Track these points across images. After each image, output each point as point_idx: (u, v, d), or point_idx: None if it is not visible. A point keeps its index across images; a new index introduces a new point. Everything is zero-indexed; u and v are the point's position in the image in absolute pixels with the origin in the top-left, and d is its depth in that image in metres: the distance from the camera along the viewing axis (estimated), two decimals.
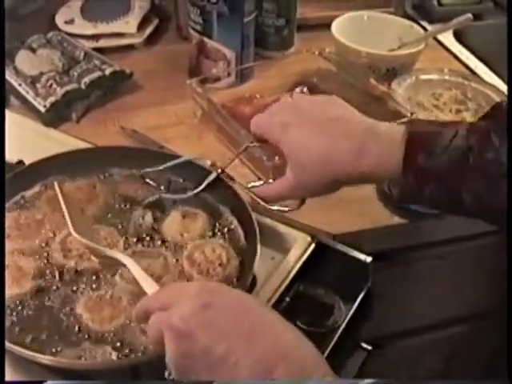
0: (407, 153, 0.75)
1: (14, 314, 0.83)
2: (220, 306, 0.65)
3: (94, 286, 0.88)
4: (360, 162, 0.78)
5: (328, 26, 1.44)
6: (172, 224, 0.97)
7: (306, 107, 0.84)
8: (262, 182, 0.94)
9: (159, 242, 0.95)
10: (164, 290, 0.74)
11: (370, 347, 0.89)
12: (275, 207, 0.90)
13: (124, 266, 0.83)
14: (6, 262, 0.87)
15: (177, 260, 0.92)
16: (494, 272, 1.01)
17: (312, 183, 0.82)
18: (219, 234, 0.97)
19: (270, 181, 0.93)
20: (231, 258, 0.91)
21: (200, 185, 1.00)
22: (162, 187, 1.04)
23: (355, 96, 1.31)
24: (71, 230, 0.89)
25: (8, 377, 0.77)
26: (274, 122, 0.84)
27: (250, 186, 0.92)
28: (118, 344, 0.81)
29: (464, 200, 0.74)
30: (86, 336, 0.82)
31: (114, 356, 0.80)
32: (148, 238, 0.95)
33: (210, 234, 0.97)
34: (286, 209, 0.91)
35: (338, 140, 0.79)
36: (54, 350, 0.80)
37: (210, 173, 1.00)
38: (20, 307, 0.84)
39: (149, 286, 0.77)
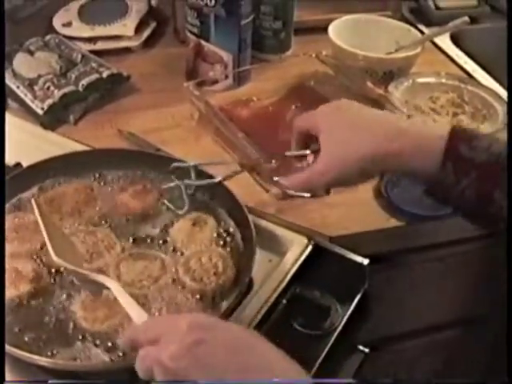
0: (450, 141, 0.76)
1: (12, 315, 0.84)
2: (211, 342, 0.63)
3: (90, 287, 0.88)
4: (400, 142, 0.79)
5: (325, 29, 1.45)
6: (179, 234, 0.97)
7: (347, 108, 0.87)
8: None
9: (158, 244, 0.95)
10: (153, 322, 0.72)
11: (366, 349, 0.89)
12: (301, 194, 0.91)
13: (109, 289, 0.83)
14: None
15: (174, 265, 0.92)
16: (491, 274, 1.01)
17: (349, 174, 0.82)
18: (218, 238, 0.97)
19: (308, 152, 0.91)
20: (227, 268, 0.91)
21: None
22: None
23: (352, 99, 1.31)
24: (52, 255, 0.86)
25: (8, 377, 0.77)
26: (318, 114, 0.87)
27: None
28: (110, 345, 0.81)
29: (495, 201, 0.75)
30: (80, 336, 0.82)
31: (105, 357, 0.80)
32: (147, 241, 0.96)
33: (214, 243, 0.96)
34: (308, 195, 0.92)
35: (378, 117, 0.83)
36: (50, 352, 0.80)
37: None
38: (17, 309, 0.85)
39: (136, 313, 0.75)
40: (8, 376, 0.78)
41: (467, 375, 0.87)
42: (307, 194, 0.91)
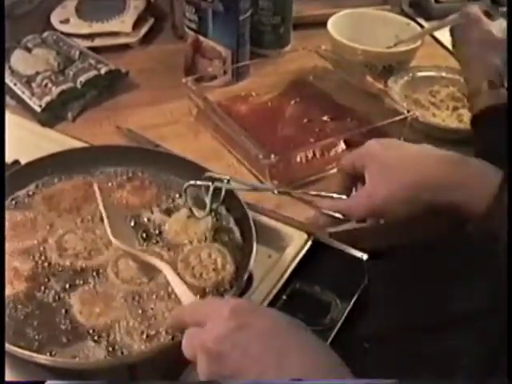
0: (507, 174, 0.73)
1: (9, 313, 0.83)
2: (254, 327, 0.65)
3: (89, 284, 0.87)
4: (457, 169, 0.75)
5: (324, 23, 1.44)
6: (174, 224, 0.97)
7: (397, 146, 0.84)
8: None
9: (156, 240, 0.95)
10: (199, 304, 0.75)
11: (367, 344, 0.88)
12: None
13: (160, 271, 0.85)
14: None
15: (173, 261, 0.91)
16: (492, 269, 1.01)
17: (394, 203, 0.78)
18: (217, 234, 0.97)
19: (344, 197, 0.86)
20: (227, 264, 0.90)
21: None
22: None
23: (351, 94, 1.31)
24: (110, 235, 0.91)
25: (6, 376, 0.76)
26: (365, 151, 0.83)
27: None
28: (108, 342, 0.81)
29: None
30: (78, 332, 0.82)
31: (104, 354, 0.79)
32: (145, 236, 0.95)
33: (211, 237, 0.96)
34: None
35: (433, 150, 0.79)
36: (48, 349, 0.80)
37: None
38: (13, 307, 0.84)
39: (184, 294, 0.78)
40: (6, 374, 0.78)
41: (469, 371, 0.87)
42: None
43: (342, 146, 1.16)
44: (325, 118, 1.25)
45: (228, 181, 0.93)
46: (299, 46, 1.45)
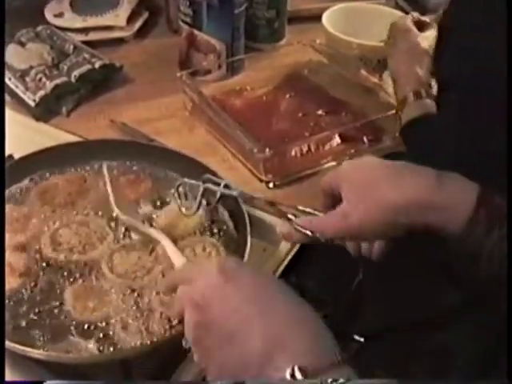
0: (483, 189, 0.72)
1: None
2: (240, 281, 0.66)
3: (83, 279, 0.87)
4: (436, 190, 0.73)
5: (319, 17, 1.44)
6: (164, 217, 0.96)
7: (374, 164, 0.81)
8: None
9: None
10: (189, 265, 0.81)
11: (362, 339, 0.88)
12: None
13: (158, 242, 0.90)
14: None
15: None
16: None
17: (372, 224, 0.75)
18: (210, 226, 0.97)
19: (320, 214, 0.83)
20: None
21: None
22: None
23: (346, 87, 1.31)
24: (114, 207, 0.95)
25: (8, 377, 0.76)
26: (341, 170, 0.81)
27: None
28: (101, 336, 0.81)
29: None
30: (72, 327, 0.82)
31: (96, 349, 0.79)
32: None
33: (203, 229, 0.96)
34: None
35: (409, 168, 0.77)
36: (43, 344, 0.80)
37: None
38: (7, 303, 0.84)
39: (177, 259, 0.85)
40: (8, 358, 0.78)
41: (463, 369, 0.87)
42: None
43: (337, 139, 1.16)
44: (320, 111, 1.25)
45: (226, 185, 0.92)
46: (294, 39, 1.45)
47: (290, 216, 0.81)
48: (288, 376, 0.58)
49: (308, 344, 0.61)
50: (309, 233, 0.77)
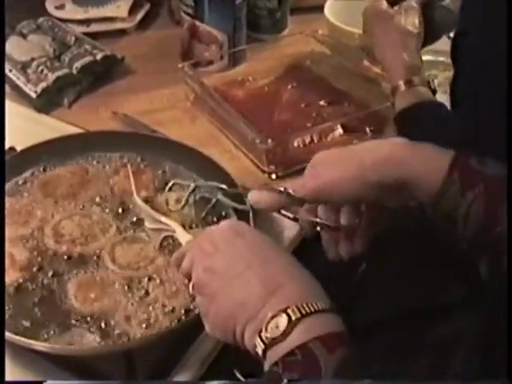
0: (459, 153, 0.72)
1: (7, 301, 0.83)
2: (244, 235, 0.72)
3: (86, 270, 0.87)
4: (404, 150, 0.74)
5: (321, 8, 1.43)
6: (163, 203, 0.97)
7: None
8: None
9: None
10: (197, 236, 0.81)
11: (364, 331, 0.88)
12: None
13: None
14: None
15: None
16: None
17: (345, 175, 0.75)
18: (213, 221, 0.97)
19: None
20: None
21: None
22: None
23: (348, 78, 1.30)
24: (135, 194, 0.96)
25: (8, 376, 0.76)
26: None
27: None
28: (103, 328, 0.81)
29: (500, 221, 0.69)
30: (74, 319, 0.82)
31: (97, 341, 0.79)
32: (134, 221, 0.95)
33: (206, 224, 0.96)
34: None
35: (376, 149, 0.76)
36: (45, 336, 0.80)
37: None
38: (9, 295, 0.84)
39: (184, 239, 0.86)
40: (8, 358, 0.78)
41: (466, 362, 0.87)
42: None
43: (340, 130, 1.15)
44: (322, 102, 1.24)
45: (223, 189, 0.92)
46: (296, 30, 1.45)
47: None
48: (285, 318, 0.62)
49: (302, 289, 0.67)
50: (281, 188, 0.77)
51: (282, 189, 0.77)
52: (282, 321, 0.63)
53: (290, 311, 0.63)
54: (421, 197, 0.73)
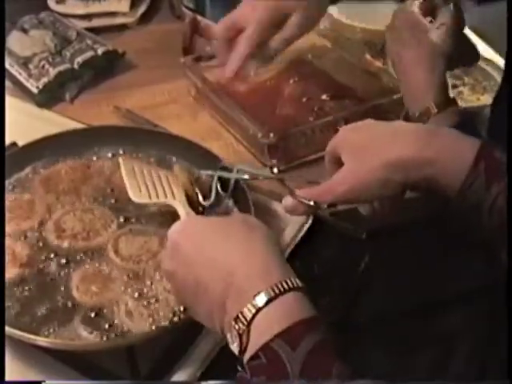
0: (484, 144, 0.72)
1: (8, 295, 0.83)
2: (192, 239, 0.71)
3: (87, 265, 0.88)
4: (428, 145, 0.73)
5: None
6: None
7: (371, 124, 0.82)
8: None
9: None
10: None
11: (368, 325, 0.88)
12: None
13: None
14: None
15: None
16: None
17: (369, 184, 0.75)
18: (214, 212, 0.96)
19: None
20: None
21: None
22: None
23: (351, 72, 1.30)
24: (131, 195, 0.92)
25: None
26: (340, 133, 0.83)
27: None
28: (105, 323, 0.81)
29: None
30: (76, 313, 0.82)
31: (98, 336, 0.79)
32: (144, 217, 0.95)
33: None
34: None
35: (406, 126, 0.78)
36: (47, 331, 0.80)
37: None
38: (11, 290, 0.84)
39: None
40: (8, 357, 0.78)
41: (467, 358, 0.87)
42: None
43: (342, 124, 1.15)
44: (324, 96, 1.24)
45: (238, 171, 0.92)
46: None
47: (293, 189, 0.81)
48: (257, 302, 0.61)
49: (260, 268, 0.65)
50: (311, 203, 0.78)
51: (312, 202, 0.77)
52: (240, 325, 0.61)
53: (260, 295, 0.61)
54: (446, 191, 0.73)
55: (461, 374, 0.87)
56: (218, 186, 0.94)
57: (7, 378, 0.74)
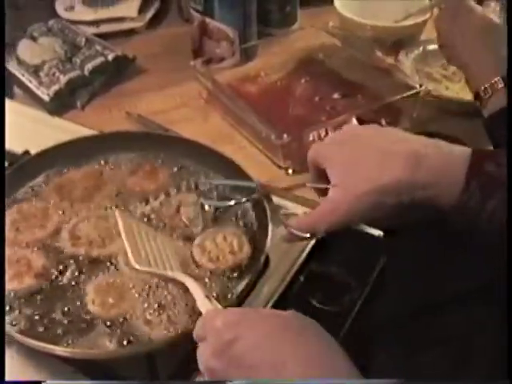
0: (473, 159, 0.70)
1: (25, 305, 0.83)
2: (247, 339, 0.64)
3: (103, 273, 0.87)
4: (418, 168, 0.71)
5: (331, 0, 1.42)
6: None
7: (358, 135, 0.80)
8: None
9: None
10: (204, 318, 0.72)
11: (384, 324, 0.88)
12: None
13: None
14: (16, 255, 0.87)
15: (188, 247, 0.91)
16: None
17: (361, 210, 0.74)
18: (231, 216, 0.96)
19: (307, 211, 0.83)
20: (243, 245, 0.90)
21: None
22: None
23: (361, 70, 1.29)
24: (132, 261, 0.86)
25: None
26: (325, 144, 0.81)
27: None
28: (124, 331, 0.80)
29: None
30: (93, 322, 0.81)
31: (117, 344, 0.79)
32: (159, 225, 0.95)
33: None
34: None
35: (393, 146, 0.74)
36: (64, 341, 0.79)
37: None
38: (27, 300, 0.84)
39: (204, 306, 0.75)
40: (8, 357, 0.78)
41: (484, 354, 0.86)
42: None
43: (355, 123, 1.14)
44: (335, 95, 1.24)
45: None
46: (307, 23, 1.44)
47: (282, 218, 0.82)
48: None
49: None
50: (305, 235, 0.78)
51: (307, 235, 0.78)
52: None
53: None
54: (440, 211, 0.72)
55: (466, 374, 0.86)
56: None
57: (7, 378, 0.74)
